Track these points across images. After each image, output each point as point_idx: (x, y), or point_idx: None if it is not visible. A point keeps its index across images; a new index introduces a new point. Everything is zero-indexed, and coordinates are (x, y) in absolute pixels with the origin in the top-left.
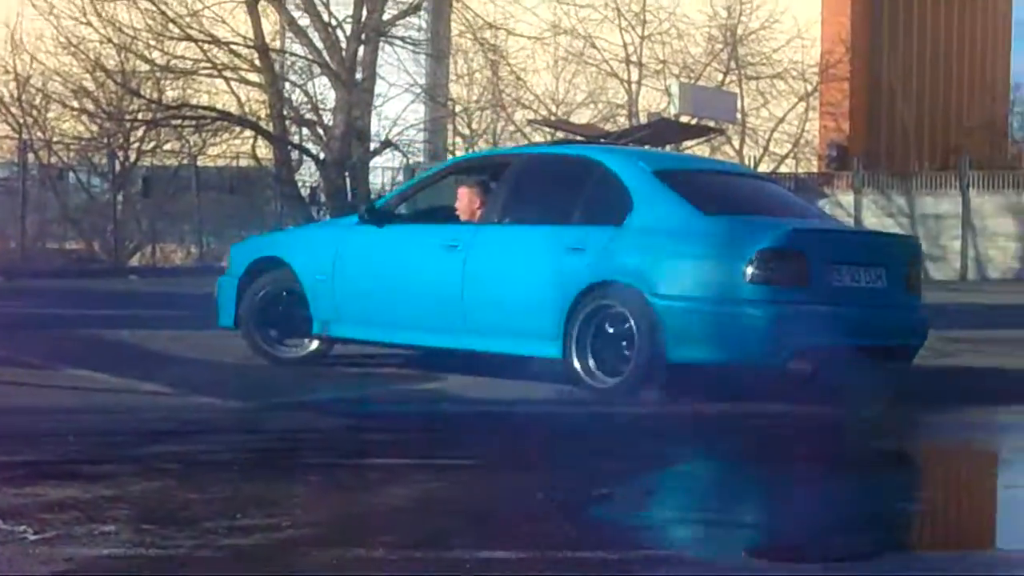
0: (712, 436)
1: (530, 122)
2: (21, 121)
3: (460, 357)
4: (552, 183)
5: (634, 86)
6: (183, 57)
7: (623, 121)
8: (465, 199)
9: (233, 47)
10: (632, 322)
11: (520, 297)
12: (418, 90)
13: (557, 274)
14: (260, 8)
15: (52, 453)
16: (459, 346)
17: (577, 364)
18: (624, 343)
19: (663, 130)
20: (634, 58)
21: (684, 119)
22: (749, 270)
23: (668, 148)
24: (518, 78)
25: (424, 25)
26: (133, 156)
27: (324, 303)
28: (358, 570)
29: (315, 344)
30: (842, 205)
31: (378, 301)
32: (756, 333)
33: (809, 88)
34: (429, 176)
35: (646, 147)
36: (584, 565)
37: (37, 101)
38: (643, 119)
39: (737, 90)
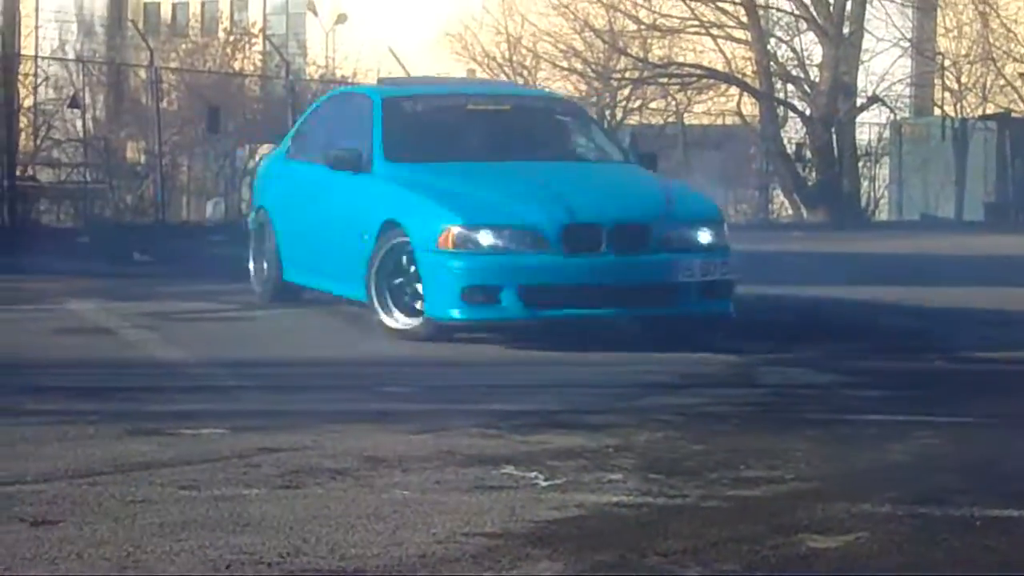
0: None
1: (1021, 75)
2: (513, 81)
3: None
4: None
5: None
6: (670, 16)
7: None
8: None
9: (719, 4)
10: None
11: None
12: (906, 44)
13: None
14: None
15: (555, 403)
16: None
17: None
18: None
19: None
20: None
21: None
22: None
23: None
24: (1009, 30)
25: None
26: (620, 114)
27: None
28: (866, 525)
29: None
30: None
31: None
32: None
33: None
34: None
35: None
36: None
37: (528, 61)
38: None
39: None
